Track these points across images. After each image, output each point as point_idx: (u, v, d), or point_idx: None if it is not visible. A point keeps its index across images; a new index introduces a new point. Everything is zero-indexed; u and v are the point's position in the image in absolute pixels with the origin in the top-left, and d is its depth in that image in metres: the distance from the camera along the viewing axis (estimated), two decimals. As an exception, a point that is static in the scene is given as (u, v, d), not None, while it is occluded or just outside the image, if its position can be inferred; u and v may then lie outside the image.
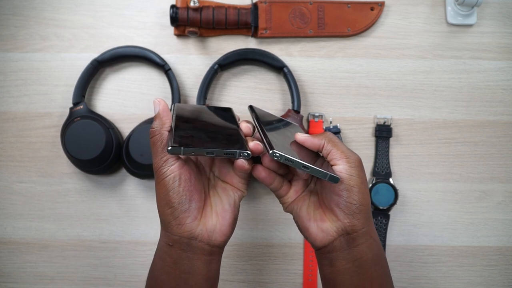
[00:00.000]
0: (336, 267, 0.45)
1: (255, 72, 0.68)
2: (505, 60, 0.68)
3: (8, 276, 0.65)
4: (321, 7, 0.68)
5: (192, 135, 0.43)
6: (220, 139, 0.44)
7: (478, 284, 0.67)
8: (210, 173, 0.49)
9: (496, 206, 0.67)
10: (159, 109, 0.45)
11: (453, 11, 0.68)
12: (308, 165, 0.42)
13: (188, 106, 0.52)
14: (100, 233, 0.66)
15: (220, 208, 0.45)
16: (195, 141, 0.43)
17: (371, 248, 0.44)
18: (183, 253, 0.43)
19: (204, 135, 0.44)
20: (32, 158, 0.66)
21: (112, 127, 0.64)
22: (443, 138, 0.68)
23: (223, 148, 0.42)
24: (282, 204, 0.49)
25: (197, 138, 0.43)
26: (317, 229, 0.45)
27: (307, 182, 0.49)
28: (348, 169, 0.43)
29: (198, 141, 0.43)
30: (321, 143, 0.45)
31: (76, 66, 0.67)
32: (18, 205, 0.66)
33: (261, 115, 0.52)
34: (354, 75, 0.68)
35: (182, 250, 0.43)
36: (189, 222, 0.43)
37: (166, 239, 0.44)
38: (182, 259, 0.43)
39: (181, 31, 0.67)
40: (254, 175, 0.47)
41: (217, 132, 0.46)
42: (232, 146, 0.43)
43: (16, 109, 0.67)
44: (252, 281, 0.66)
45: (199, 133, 0.45)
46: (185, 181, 0.43)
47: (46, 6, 0.68)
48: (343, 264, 0.44)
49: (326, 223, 0.45)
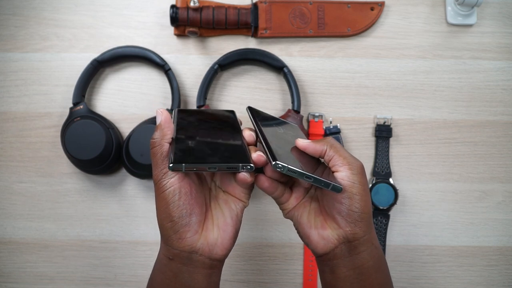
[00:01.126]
0: (337, 274, 0.44)
1: (255, 72, 0.68)
2: (505, 60, 0.68)
3: (8, 276, 0.65)
4: (321, 7, 0.68)
5: (193, 149, 0.42)
6: (222, 150, 0.43)
7: (478, 284, 0.67)
8: (212, 183, 0.48)
9: (496, 206, 0.67)
10: (161, 119, 0.44)
11: (453, 11, 0.68)
12: (311, 175, 0.42)
13: (189, 112, 0.50)
14: (100, 233, 0.66)
15: (221, 221, 0.45)
16: (196, 156, 0.41)
17: (372, 255, 0.44)
18: (183, 267, 0.43)
19: (206, 147, 0.43)
20: (32, 158, 0.66)
21: (112, 127, 0.64)
22: (443, 138, 0.68)
23: (226, 162, 0.41)
24: (282, 211, 0.49)
25: (198, 151, 0.42)
26: (318, 237, 0.44)
27: (308, 188, 0.49)
28: (351, 176, 0.43)
29: (200, 156, 0.41)
30: (323, 149, 0.45)
31: (76, 66, 0.67)
32: (18, 205, 0.66)
33: (260, 117, 0.51)
34: (354, 75, 0.68)
35: (183, 264, 0.42)
36: (190, 236, 0.42)
37: (166, 252, 0.43)
38: (182, 273, 0.43)
39: (181, 31, 0.67)
40: (256, 185, 0.46)
41: (219, 144, 0.44)
42: (235, 159, 0.42)
43: (16, 109, 0.67)
44: (252, 281, 0.66)
45: (200, 145, 0.43)
46: (185, 195, 0.42)
47: (46, 6, 0.68)
48: (344, 272, 0.44)
49: (327, 230, 0.44)
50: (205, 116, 0.50)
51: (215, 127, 0.48)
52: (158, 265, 0.45)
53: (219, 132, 0.47)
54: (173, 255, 0.43)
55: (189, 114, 0.49)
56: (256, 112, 0.52)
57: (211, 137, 0.45)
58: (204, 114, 0.51)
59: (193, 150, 0.42)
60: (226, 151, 0.43)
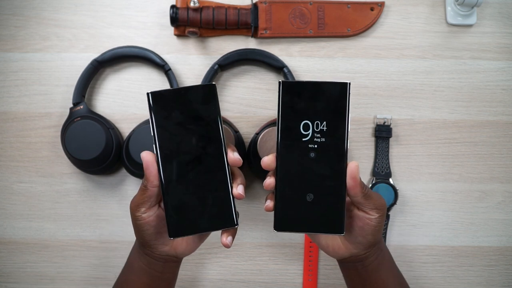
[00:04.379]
0: (348, 271, 0.51)
1: (255, 72, 0.68)
2: (505, 60, 0.68)
3: (8, 276, 0.65)
4: (321, 7, 0.68)
5: (185, 213, 0.44)
6: (210, 205, 0.44)
7: (478, 284, 0.67)
8: None
9: (496, 206, 0.67)
10: (144, 166, 0.44)
11: (453, 11, 0.68)
12: (313, 234, 0.46)
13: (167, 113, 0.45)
14: (100, 233, 0.66)
15: (191, 238, 0.49)
16: (188, 227, 0.45)
17: (376, 258, 0.49)
18: (153, 260, 0.49)
19: (195, 204, 0.44)
20: (32, 158, 0.66)
21: (112, 127, 0.64)
22: (443, 138, 0.68)
23: (213, 228, 0.45)
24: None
25: (189, 220, 0.45)
26: (332, 251, 0.49)
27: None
28: (378, 219, 0.45)
29: (192, 226, 0.45)
30: (357, 195, 0.44)
31: (76, 66, 0.67)
32: (18, 205, 0.66)
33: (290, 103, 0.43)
34: (354, 75, 0.68)
35: (154, 258, 0.49)
36: (161, 249, 0.48)
37: (140, 249, 0.50)
38: (154, 264, 0.49)
39: (181, 31, 0.67)
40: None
41: (206, 197, 0.45)
42: (221, 220, 0.45)
43: (16, 109, 0.67)
44: (252, 281, 0.66)
45: (189, 208, 0.45)
46: (155, 227, 0.46)
47: (46, 6, 0.68)
48: (353, 271, 0.50)
49: (342, 250, 0.48)
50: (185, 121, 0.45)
51: (198, 154, 0.45)
52: (134, 252, 0.51)
53: (203, 174, 0.45)
54: (146, 252, 0.49)
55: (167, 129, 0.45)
56: (290, 97, 0.42)
57: (198, 190, 0.45)
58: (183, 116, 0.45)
59: (185, 221, 0.45)
60: (214, 206, 0.45)
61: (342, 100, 0.42)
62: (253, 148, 0.61)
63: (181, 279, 0.66)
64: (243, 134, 0.66)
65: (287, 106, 0.43)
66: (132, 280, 0.50)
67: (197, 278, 0.66)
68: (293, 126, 0.43)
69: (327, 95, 0.42)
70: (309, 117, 0.43)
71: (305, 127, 0.43)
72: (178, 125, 0.45)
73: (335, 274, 0.67)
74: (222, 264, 0.67)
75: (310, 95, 0.42)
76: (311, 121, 0.43)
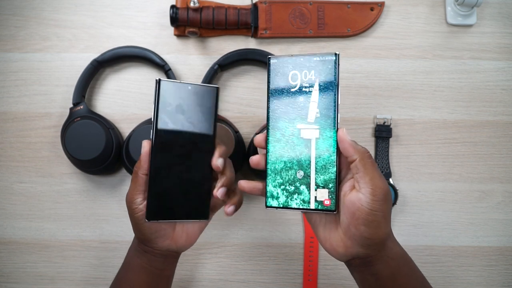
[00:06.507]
0: (357, 276, 0.47)
1: (255, 72, 0.68)
2: (505, 60, 0.68)
3: (8, 276, 0.65)
4: (321, 7, 0.68)
5: (163, 206, 0.47)
6: (188, 198, 0.47)
7: (478, 284, 0.67)
8: None
9: (496, 206, 0.67)
10: (142, 153, 0.46)
11: (453, 11, 0.68)
12: (304, 209, 0.45)
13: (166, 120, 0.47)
14: (100, 233, 0.66)
15: (191, 229, 0.50)
16: (165, 212, 0.47)
17: (388, 266, 0.44)
18: (152, 256, 0.49)
19: (176, 194, 0.47)
20: (32, 158, 0.66)
21: (112, 127, 0.64)
22: (443, 138, 0.68)
23: (188, 217, 0.48)
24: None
25: (166, 208, 0.47)
26: (333, 251, 0.45)
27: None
28: (371, 202, 0.41)
29: (168, 213, 0.47)
30: (352, 157, 0.42)
31: (76, 66, 0.67)
32: (18, 205, 0.66)
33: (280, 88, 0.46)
34: (354, 75, 0.68)
35: (153, 254, 0.49)
36: (161, 243, 0.48)
37: (139, 246, 0.50)
38: (155, 261, 0.50)
39: (181, 31, 0.67)
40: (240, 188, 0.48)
41: (187, 190, 0.47)
42: (196, 212, 0.48)
43: (16, 109, 0.67)
44: (252, 281, 0.66)
45: (170, 197, 0.47)
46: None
47: (46, 6, 0.68)
48: (364, 276, 0.46)
49: (341, 248, 0.44)
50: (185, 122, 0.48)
51: (190, 145, 0.48)
52: (133, 247, 0.51)
53: (189, 169, 0.48)
54: (145, 249, 0.49)
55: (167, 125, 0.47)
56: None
57: (181, 181, 0.47)
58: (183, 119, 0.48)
59: (163, 207, 0.47)
60: (195, 197, 0.48)
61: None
62: (253, 148, 0.61)
63: (181, 279, 0.66)
64: (243, 134, 0.66)
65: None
66: (130, 279, 0.50)
67: (197, 278, 0.66)
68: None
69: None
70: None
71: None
72: (177, 117, 0.47)
73: (335, 274, 0.67)
74: (222, 264, 0.67)
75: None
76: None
